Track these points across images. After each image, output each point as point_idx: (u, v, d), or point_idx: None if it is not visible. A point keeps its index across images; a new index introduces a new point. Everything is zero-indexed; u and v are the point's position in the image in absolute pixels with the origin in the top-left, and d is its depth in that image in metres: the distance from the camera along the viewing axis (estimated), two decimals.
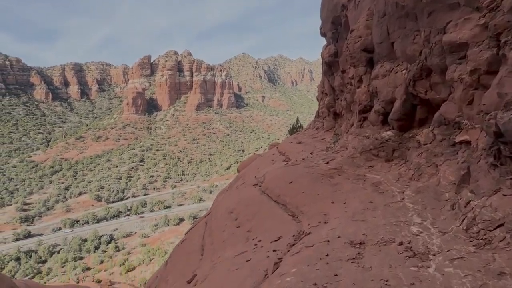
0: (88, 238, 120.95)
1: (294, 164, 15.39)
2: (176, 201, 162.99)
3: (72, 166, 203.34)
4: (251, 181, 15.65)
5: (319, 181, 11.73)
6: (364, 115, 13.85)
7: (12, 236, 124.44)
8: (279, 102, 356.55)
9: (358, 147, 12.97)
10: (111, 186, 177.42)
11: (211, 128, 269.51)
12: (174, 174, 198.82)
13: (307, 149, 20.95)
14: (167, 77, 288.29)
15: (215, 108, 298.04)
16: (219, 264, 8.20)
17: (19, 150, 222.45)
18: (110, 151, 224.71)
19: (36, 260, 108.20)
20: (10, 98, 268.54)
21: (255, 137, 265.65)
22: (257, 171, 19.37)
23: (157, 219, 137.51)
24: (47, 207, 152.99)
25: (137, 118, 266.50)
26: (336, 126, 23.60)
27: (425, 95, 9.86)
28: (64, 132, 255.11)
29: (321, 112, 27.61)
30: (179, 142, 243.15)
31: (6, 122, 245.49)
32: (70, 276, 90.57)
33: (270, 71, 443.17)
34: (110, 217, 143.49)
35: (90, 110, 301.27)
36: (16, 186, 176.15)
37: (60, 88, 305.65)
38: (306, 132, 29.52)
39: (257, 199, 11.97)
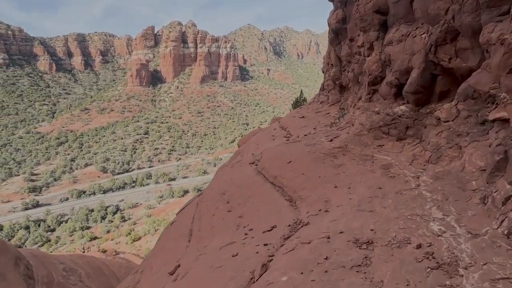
0: (95, 209, 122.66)
1: (295, 141, 14.09)
2: (180, 173, 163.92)
3: (77, 138, 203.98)
4: (247, 158, 14.46)
5: (321, 161, 10.53)
6: (374, 87, 12.26)
7: (21, 206, 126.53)
8: (284, 75, 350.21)
9: (366, 123, 11.61)
10: (117, 158, 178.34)
11: (216, 101, 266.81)
12: (179, 147, 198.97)
13: (310, 124, 19.62)
14: (171, 49, 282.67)
15: (219, 81, 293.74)
16: (204, 256, 7.17)
17: (24, 121, 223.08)
18: (115, 123, 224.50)
19: (44, 229, 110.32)
20: (14, 68, 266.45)
21: (259, 110, 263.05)
22: (256, 147, 18.18)
23: (161, 191, 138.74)
24: (54, 177, 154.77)
25: (141, 90, 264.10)
26: (342, 100, 22.00)
27: (448, 63, 8.32)
28: (69, 104, 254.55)
29: (326, 85, 25.85)
30: (183, 115, 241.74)
31: (11, 93, 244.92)
32: (76, 246, 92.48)
33: (276, 43, 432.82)
34: (116, 188, 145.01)
35: (94, 81, 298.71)
36: (23, 157, 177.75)
37: (64, 59, 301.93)
38: (310, 106, 27.92)
39: (252, 180, 10.86)
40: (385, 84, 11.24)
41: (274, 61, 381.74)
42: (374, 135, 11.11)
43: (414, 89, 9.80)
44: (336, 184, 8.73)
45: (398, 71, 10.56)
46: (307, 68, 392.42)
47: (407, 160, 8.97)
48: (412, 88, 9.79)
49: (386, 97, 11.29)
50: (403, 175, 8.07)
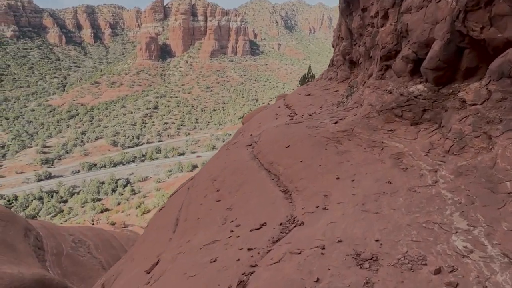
0: (106, 181, 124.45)
1: (297, 122, 12.85)
2: (189, 148, 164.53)
3: (88, 111, 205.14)
4: (245, 140, 13.36)
5: (323, 147, 9.36)
6: (387, 62, 10.65)
7: (34, 177, 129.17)
8: (295, 51, 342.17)
9: (376, 104, 10.26)
10: (126, 132, 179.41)
11: (225, 76, 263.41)
12: (188, 122, 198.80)
13: (317, 102, 18.28)
14: (181, 22, 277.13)
15: (229, 56, 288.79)
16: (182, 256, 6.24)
17: (36, 94, 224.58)
18: (125, 97, 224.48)
19: (57, 200, 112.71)
20: (25, 41, 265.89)
21: (269, 86, 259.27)
22: (258, 126, 17.06)
23: (171, 165, 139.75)
24: (66, 150, 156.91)
25: (150, 64, 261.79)
26: (351, 77, 20.32)
27: (479, 33, 6.77)
28: (79, 77, 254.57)
29: (336, 60, 23.99)
30: (192, 89, 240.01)
31: (22, 66, 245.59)
32: (86, 218, 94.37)
33: (287, 17, 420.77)
34: (126, 162, 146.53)
35: (104, 55, 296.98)
36: (35, 129, 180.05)
37: (73, 31, 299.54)
38: (317, 82, 26.09)
39: (246, 166, 9.80)
40: (400, 58, 9.63)
41: (285, 35, 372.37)
42: (385, 118, 9.76)
43: (434, 65, 8.22)
44: (338, 175, 7.61)
45: (416, 43, 8.95)
46: (319, 43, 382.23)
47: (423, 149, 7.68)
48: (432, 63, 8.25)
49: (400, 74, 9.80)
50: (418, 168, 6.86)
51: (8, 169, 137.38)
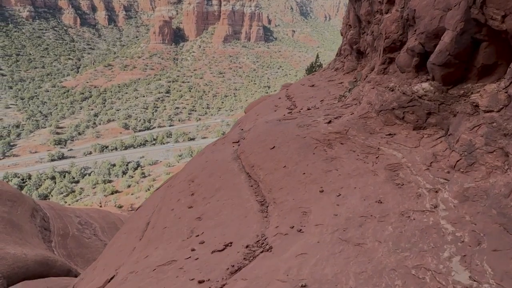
0: (117, 164, 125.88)
1: (289, 118, 11.71)
2: (200, 133, 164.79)
3: (101, 94, 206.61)
4: (234, 135, 12.43)
5: (311, 150, 8.27)
6: (390, 54, 9.17)
7: (47, 157, 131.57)
8: (310, 38, 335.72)
9: (375, 102, 9.04)
10: (138, 115, 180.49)
11: (238, 62, 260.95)
12: (199, 107, 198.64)
13: (319, 95, 17.08)
14: (195, 6, 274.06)
15: (242, 41, 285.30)
16: (131, 278, 5.36)
17: (50, 75, 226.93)
18: (137, 81, 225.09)
19: (69, 180, 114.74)
20: (40, 22, 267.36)
21: (282, 73, 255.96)
22: (255, 118, 16.10)
23: (181, 150, 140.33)
24: (79, 131, 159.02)
25: (163, 48, 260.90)
26: (358, 68, 19.02)
27: (501, 23, 5.38)
28: (93, 59, 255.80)
29: (343, 49, 22.56)
30: (204, 75, 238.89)
31: (37, 47, 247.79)
32: (94, 200, 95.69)
33: (303, 3, 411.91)
34: (137, 145, 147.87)
35: (118, 37, 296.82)
36: (49, 110, 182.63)
37: (88, 13, 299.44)
38: (323, 73, 24.74)
39: (227, 168, 8.79)
40: (405, 51, 8.14)
41: (300, 22, 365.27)
42: (385, 120, 8.59)
43: (444, 60, 6.83)
44: (322, 187, 6.49)
45: (424, 33, 7.57)
46: (334, 31, 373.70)
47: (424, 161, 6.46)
48: (441, 58, 6.86)
49: (404, 70, 8.43)
50: (416, 185, 5.69)
51: (22, 149, 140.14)
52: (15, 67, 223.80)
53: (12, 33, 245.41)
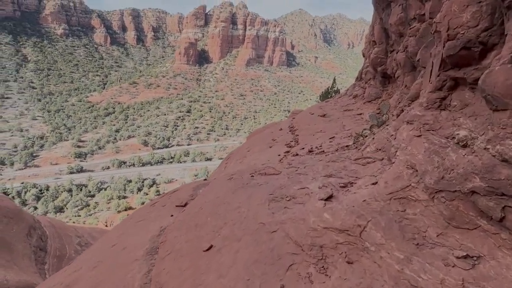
0: (133, 180, 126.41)
1: (265, 173, 8.83)
2: (217, 154, 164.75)
3: (124, 110, 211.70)
4: (183, 193, 9.39)
5: (278, 278, 4.81)
6: (456, 72, 5.06)
7: (67, 170, 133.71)
8: (332, 64, 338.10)
9: (426, 168, 4.78)
10: (158, 133, 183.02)
11: (259, 85, 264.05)
12: (218, 128, 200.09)
13: (330, 128, 14.37)
14: (220, 29, 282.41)
15: (265, 65, 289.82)
16: None
17: (78, 90, 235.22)
18: (160, 99, 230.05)
19: (85, 194, 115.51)
20: (73, 39, 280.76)
21: (302, 98, 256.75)
22: (242, 156, 14.28)
23: (197, 169, 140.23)
24: (99, 146, 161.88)
25: (187, 68, 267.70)
26: (383, 96, 15.99)
27: None
28: (119, 77, 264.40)
29: (364, 72, 19.40)
30: (226, 96, 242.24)
31: (68, 62, 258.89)
32: (99, 219, 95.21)
33: (327, 31, 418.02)
34: (155, 162, 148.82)
35: (145, 57, 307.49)
36: (73, 123, 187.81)
37: (118, 33, 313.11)
38: (339, 100, 21.28)
39: (123, 278, 6.17)
40: (506, 62, 3.75)
41: (323, 48, 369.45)
42: (449, 214, 4.26)
43: None
44: None
45: None
46: (357, 59, 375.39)
47: None
48: None
49: (500, 102, 3.82)
50: None
51: (44, 160, 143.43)
52: (45, 81, 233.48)
53: (46, 49, 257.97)
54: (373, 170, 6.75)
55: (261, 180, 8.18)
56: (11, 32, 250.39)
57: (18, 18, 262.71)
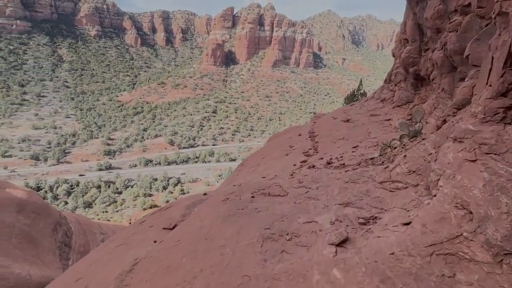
0: (159, 178, 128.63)
1: (270, 193, 7.52)
2: (241, 155, 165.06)
3: (152, 110, 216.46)
4: (178, 209, 8.67)
5: None
6: None
7: (96, 166, 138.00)
8: (360, 66, 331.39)
9: (488, 216, 3.25)
10: (184, 132, 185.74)
11: (285, 86, 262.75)
12: (243, 129, 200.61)
13: (353, 136, 13.03)
14: (247, 31, 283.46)
15: (291, 67, 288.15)
16: None
17: (109, 89, 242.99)
18: (187, 99, 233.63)
19: (113, 191, 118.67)
20: (105, 40, 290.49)
21: (329, 100, 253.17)
22: (256, 164, 13.17)
23: (221, 169, 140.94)
24: (127, 144, 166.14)
25: (214, 69, 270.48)
26: (415, 101, 14.54)
27: None
28: (148, 77, 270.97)
29: (394, 73, 17.86)
30: (251, 97, 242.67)
31: (100, 63, 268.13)
32: (123, 217, 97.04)
33: (355, 32, 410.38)
34: (180, 162, 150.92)
35: (173, 58, 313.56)
36: (103, 122, 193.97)
37: (148, 34, 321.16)
38: (365, 103, 19.81)
39: None
40: None
41: (351, 50, 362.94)
42: None
43: None
44: None
45: None
46: (386, 61, 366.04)
47: None
48: None
49: None
50: None
51: (75, 156, 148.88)
52: (79, 80, 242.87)
53: (80, 49, 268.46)
54: (405, 200, 5.17)
55: (261, 204, 6.65)
56: (48, 34, 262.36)
57: (55, 20, 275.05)
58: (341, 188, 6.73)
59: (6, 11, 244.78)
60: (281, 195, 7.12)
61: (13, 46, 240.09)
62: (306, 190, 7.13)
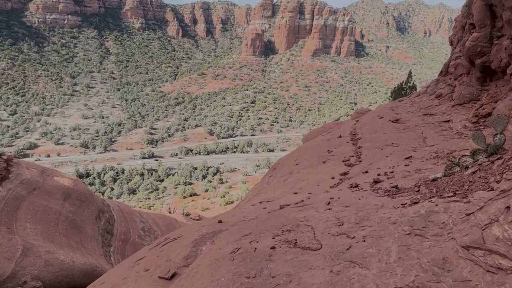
0: (198, 167, 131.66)
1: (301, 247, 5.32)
2: (279, 145, 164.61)
3: (192, 100, 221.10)
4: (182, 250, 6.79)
5: None
6: None
7: (140, 155, 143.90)
8: (405, 54, 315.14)
9: None
10: (223, 123, 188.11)
11: (325, 76, 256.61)
12: (282, 119, 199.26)
13: (405, 142, 10.97)
14: (287, 20, 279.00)
15: (332, 56, 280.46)
16: None
17: (152, 80, 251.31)
18: (226, 90, 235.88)
19: (155, 178, 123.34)
20: (149, 32, 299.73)
21: (371, 90, 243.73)
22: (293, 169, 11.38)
23: (259, 160, 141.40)
24: (169, 134, 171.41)
25: (253, 59, 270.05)
26: (482, 99, 12.03)
27: None
28: (189, 68, 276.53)
29: (454, 65, 15.27)
30: (290, 87, 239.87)
31: (144, 54, 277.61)
32: (163, 206, 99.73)
33: (401, 18, 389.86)
34: (219, 151, 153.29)
35: (213, 48, 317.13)
36: (147, 112, 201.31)
37: (189, 25, 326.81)
38: (416, 99, 17.22)
39: None
40: None
41: (396, 37, 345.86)
42: None
43: None
44: None
45: None
46: (434, 48, 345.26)
47: None
48: None
49: None
50: None
51: (120, 145, 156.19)
52: (124, 72, 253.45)
53: (125, 42, 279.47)
54: None
55: (281, 268, 4.61)
56: (96, 27, 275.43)
57: (102, 14, 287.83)
58: (400, 248, 4.45)
59: (59, 7, 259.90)
60: (312, 249, 5.11)
61: (65, 40, 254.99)
62: (348, 242, 5.02)
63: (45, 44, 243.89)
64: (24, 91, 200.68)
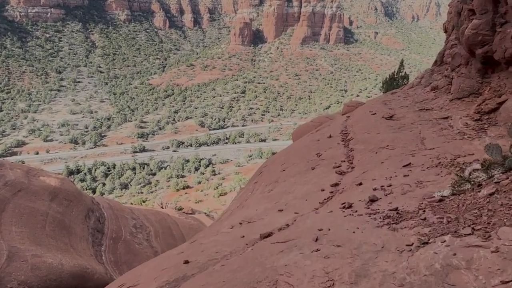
0: (190, 160, 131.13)
1: None
2: (271, 135, 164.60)
3: (182, 92, 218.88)
4: None
5: None
6: None
7: (130, 149, 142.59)
8: (393, 40, 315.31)
9: None
10: (214, 114, 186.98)
11: (315, 64, 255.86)
12: (273, 109, 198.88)
13: (401, 144, 10.27)
14: (275, 8, 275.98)
15: (321, 43, 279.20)
16: None
17: (140, 73, 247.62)
18: (216, 81, 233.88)
19: (147, 172, 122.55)
20: (135, 24, 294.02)
21: (360, 77, 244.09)
22: (279, 177, 10.71)
23: (251, 150, 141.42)
24: (159, 127, 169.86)
25: (242, 49, 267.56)
26: (484, 93, 11.27)
27: None
28: (178, 59, 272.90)
29: (451, 54, 14.36)
30: (280, 76, 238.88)
31: (131, 47, 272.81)
32: (156, 200, 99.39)
33: (389, 3, 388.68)
34: (211, 143, 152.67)
35: (201, 39, 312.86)
36: (136, 105, 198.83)
37: (176, 16, 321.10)
38: (410, 92, 16.30)
39: None
40: None
41: (384, 23, 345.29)
42: None
43: None
44: None
45: None
46: (422, 33, 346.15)
47: None
48: None
49: None
50: None
51: (110, 139, 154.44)
52: (111, 65, 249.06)
53: (111, 34, 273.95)
54: None
55: None
56: (81, 20, 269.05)
57: (86, 7, 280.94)
58: None
59: (41, 0, 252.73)
60: None
61: (49, 34, 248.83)
62: None
63: (28, 39, 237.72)
64: (9, 87, 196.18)
